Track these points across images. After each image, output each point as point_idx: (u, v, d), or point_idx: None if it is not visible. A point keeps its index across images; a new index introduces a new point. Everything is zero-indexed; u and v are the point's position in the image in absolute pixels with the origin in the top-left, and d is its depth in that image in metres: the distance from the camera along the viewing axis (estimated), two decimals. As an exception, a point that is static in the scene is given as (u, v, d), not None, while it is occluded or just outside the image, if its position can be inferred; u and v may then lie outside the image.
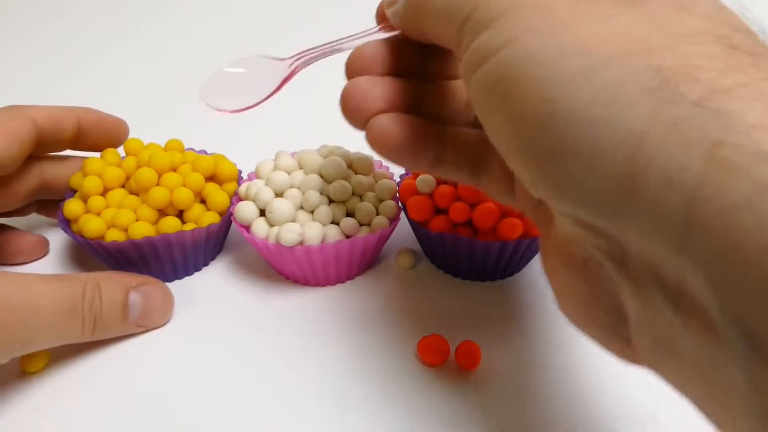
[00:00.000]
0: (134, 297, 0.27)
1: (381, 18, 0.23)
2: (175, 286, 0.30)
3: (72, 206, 0.28)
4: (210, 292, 0.30)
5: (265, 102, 0.28)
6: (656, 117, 0.12)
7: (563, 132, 0.13)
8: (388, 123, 0.21)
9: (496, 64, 0.15)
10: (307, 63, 0.27)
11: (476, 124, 0.23)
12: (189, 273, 0.31)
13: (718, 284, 0.11)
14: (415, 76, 0.23)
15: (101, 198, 0.29)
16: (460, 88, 0.23)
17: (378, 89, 0.21)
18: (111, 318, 0.26)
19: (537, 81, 0.14)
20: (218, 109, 0.27)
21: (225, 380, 0.25)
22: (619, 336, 0.15)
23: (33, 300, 0.23)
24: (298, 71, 0.27)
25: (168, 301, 0.28)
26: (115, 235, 0.27)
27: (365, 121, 0.21)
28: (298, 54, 0.27)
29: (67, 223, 0.29)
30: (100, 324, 0.25)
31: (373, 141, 0.21)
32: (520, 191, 0.21)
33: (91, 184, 0.29)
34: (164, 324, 0.29)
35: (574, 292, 0.16)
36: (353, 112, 0.21)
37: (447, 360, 0.26)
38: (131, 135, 0.32)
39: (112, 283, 0.26)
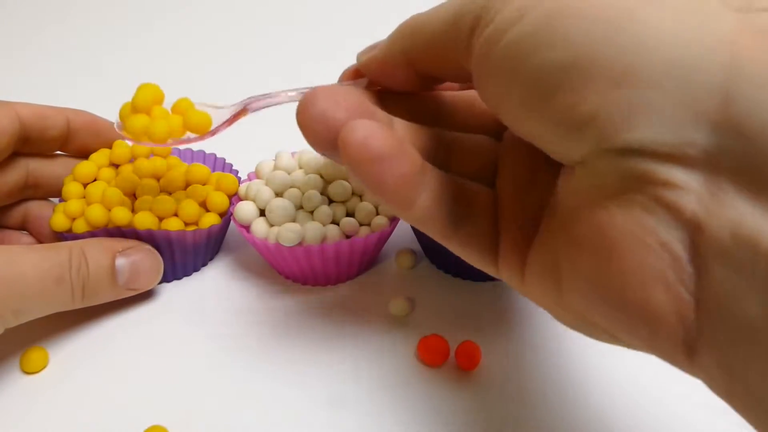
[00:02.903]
0: (121, 261, 0.27)
1: (346, 78, 0.22)
2: (174, 286, 0.30)
3: (57, 221, 0.28)
4: (209, 292, 0.30)
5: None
6: (743, 26, 0.12)
7: (635, 55, 0.12)
8: (376, 128, 0.16)
9: (526, 24, 0.14)
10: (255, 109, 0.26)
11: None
12: (188, 273, 0.31)
13: None
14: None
15: (81, 201, 0.28)
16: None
17: (355, 96, 0.17)
18: (99, 283, 0.26)
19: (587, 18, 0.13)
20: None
21: (224, 380, 0.25)
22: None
23: (20, 270, 0.23)
24: (241, 116, 0.26)
25: (156, 264, 0.28)
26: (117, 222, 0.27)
27: (335, 130, 0.16)
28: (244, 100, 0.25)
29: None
30: (89, 290, 0.26)
31: (352, 149, 0.15)
32: (506, 245, 0.18)
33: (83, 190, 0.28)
34: (154, 287, 0.29)
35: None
36: (318, 118, 0.16)
37: (447, 360, 0.26)
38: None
39: (97, 249, 0.26)
